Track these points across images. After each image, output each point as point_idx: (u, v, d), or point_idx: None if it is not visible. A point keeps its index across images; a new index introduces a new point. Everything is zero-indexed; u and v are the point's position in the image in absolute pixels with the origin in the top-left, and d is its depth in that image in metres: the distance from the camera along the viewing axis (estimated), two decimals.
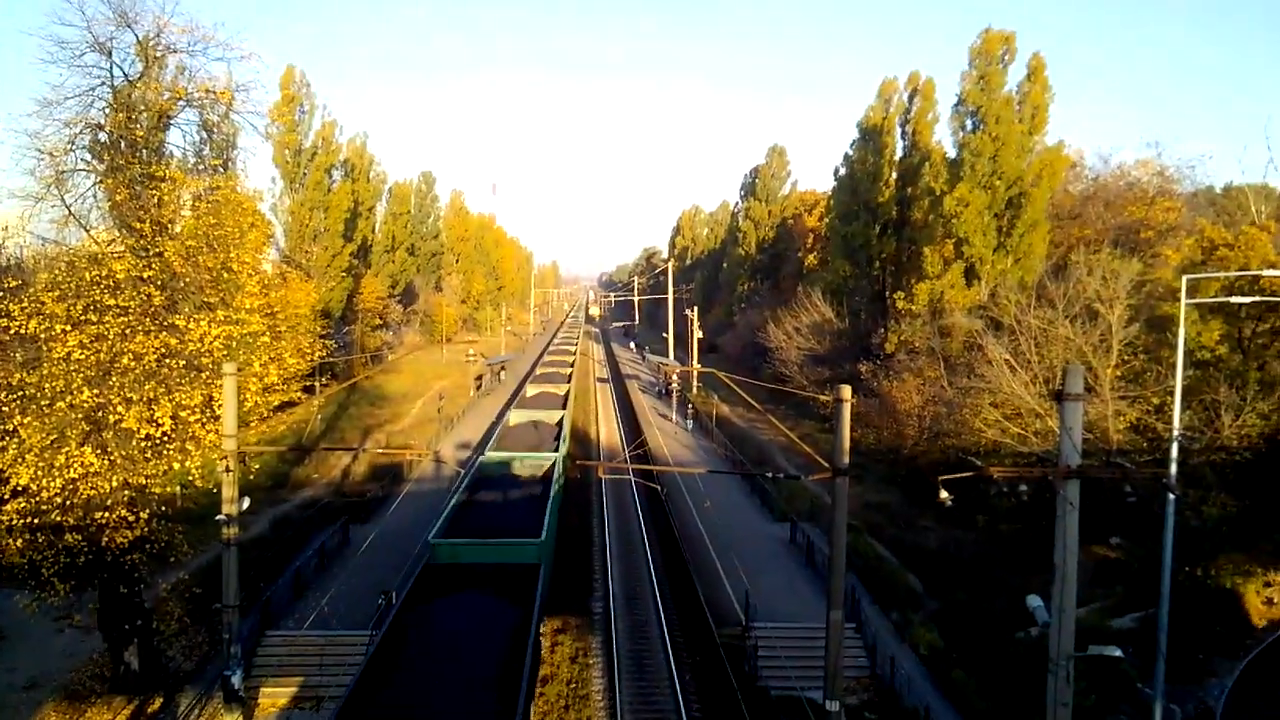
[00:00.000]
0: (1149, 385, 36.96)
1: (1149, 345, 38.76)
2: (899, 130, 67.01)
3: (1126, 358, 38.64)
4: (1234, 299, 30.29)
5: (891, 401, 52.69)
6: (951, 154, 57.18)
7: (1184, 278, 26.37)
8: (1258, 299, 32.21)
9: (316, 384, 59.77)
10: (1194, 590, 30.47)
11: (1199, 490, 34.59)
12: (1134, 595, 31.22)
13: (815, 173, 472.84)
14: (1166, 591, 22.44)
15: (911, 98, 65.81)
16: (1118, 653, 17.30)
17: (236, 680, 23.42)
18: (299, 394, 44.26)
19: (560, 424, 47.51)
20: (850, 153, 70.35)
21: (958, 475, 19.32)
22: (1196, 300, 32.42)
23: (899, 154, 67.10)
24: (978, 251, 54.16)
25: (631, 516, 43.98)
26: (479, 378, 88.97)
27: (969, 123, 54.82)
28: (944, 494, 19.25)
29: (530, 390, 62.21)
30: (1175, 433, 24.34)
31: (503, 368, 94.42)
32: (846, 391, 19.74)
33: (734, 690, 24.11)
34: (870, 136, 68.04)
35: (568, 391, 60.76)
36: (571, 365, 77.90)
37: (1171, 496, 23.13)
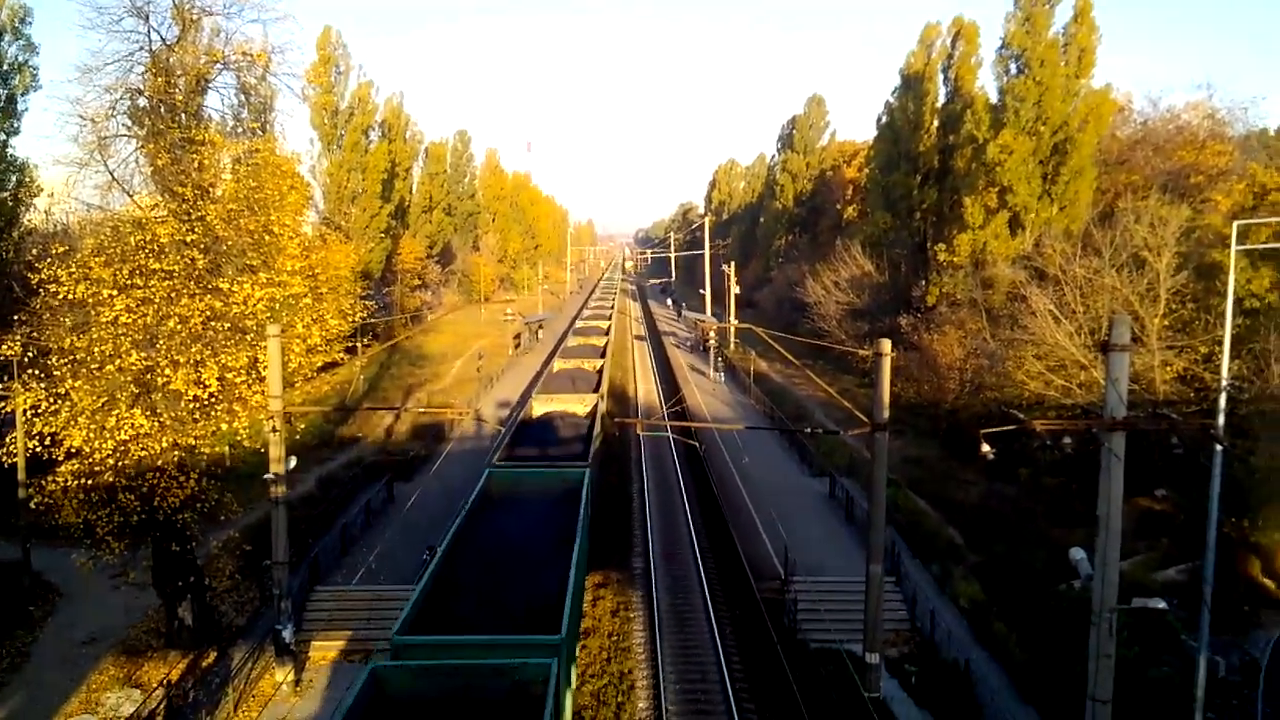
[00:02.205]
0: (1197, 334, 36.28)
1: (1197, 294, 37.97)
2: (941, 77, 65.76)
3: (1174, 307, 37.94)
4: None
5: (932, 355, 52.20)
6: (995, 100, 56.12)
7: (1234, 223, 25.66)
8: None
9: (358, 345, 60.33)
10: (1241, 542, 30.12)
11: (1247, 441, 33.97)
12: (1179, 548, 30.92)
13: (855, 123, 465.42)
14: (1212, 543, 22.20)
15: (954, 42, 64.38)
16: (1162, 605, 17.17)
17: (287, 634, 24.02)
18: (341, 355, 44.17)
19: (600, 373, 48.98)
20: (891, 101, 69.30)
21: (1000, 429, 19.12)
22: (1247, 246, 31.50)
23: (941, 101, 65.92)
24: (1022, 200, 53.26)
25: (670, 473, 44.22)
26: (517, 336, 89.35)
27: (1013, 67, 53.69)
28: (985, 447, 18.81)
29: (572, 341, 63.27)
30: (1223, 383, 23.87)
31: (540, 326, 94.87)
32: (886, 345, 19.69)
33: (774, 643, 24.31)
34: (912, 83, 66.85)
35: (606, 343, 61.74)
36: (609, 324, 77.91)
37: (1219, 448, 22.74)
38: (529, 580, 20.01)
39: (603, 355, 55.55)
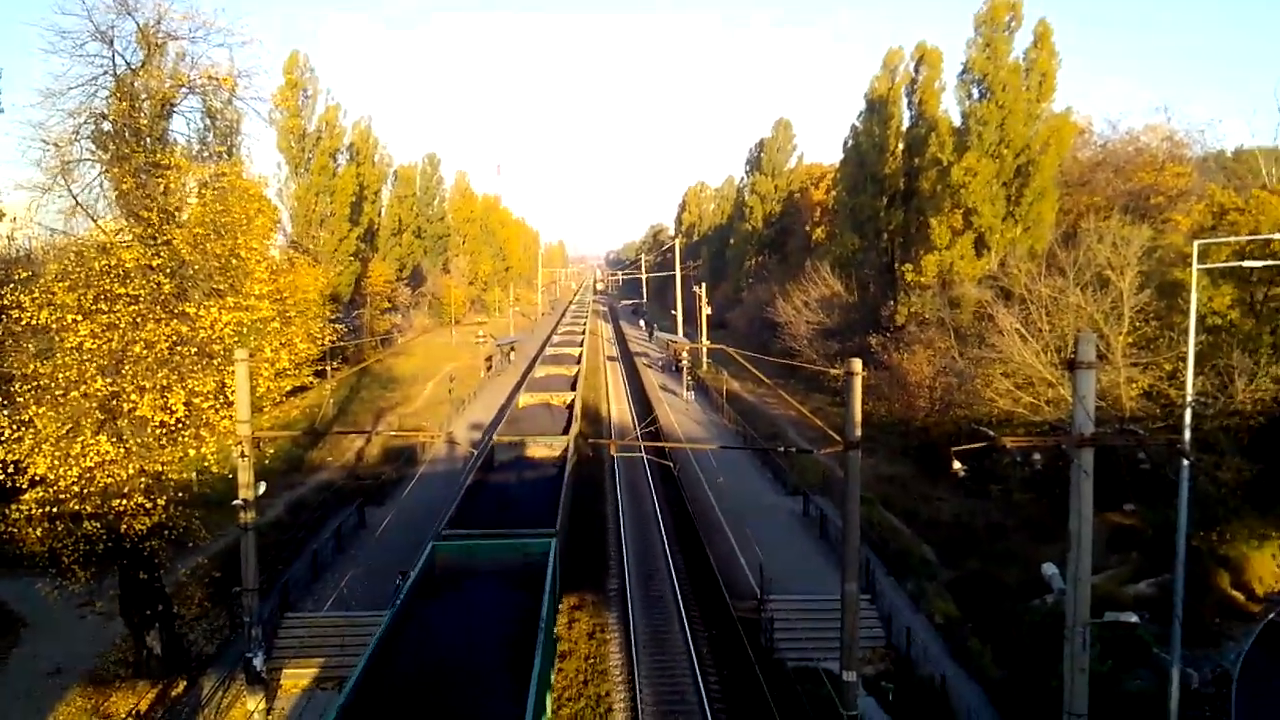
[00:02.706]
0: (1161, 352, 36.73)
1: (1160, 312, 38.50)
2: (905, 101, 66.54)
3: (1138, 325, 38.39)
4: (1245, 263, 29.94)
5: (902, 373, 52.55)
6: (958, 124, 56.81)
7: (1195, 243, 26.10)
8: (1269, 263, 31.86)
9: (328, 368, 59.55)
10: (1209, 555, 30.41)
11: (1213, 456, 34.42)
12: (1149, 562, 31.15)
13: (822, 146, 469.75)
14: (1182, 557, 22.40)
15: (918, 67, 65.17)
16: (1134, 619, 17.34)
17: (258, 662, 23.62)
18: (310, 378, 43.85)
19: (570, 406, 46.98)
20: (857, 124, 70.00)
21: (970, 446, 19.27)
22: (1208, 265, 32.06)
23: (906, 124, 66.65)
24: (986, 221, 53.85)
25: (645, 493, 44.08)
26: (489, 358, 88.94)
27: (975, 91, 54.35)
28: (957, 465, 19.39)
29: (540, 371, 61.48)
30: (1188, 398, 24.19)
31: (512, 348, 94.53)
32: (857, 364, 19.70)
33: (751, 663, 24.17)
34: (876, 107, 67.51)
35: (577, 373, 60.09)
36: (580, 350, 77.35)
37: (1186, 462, 23.06)
38: (472, 703, 16.72)
39: (573, 387, 53.84)
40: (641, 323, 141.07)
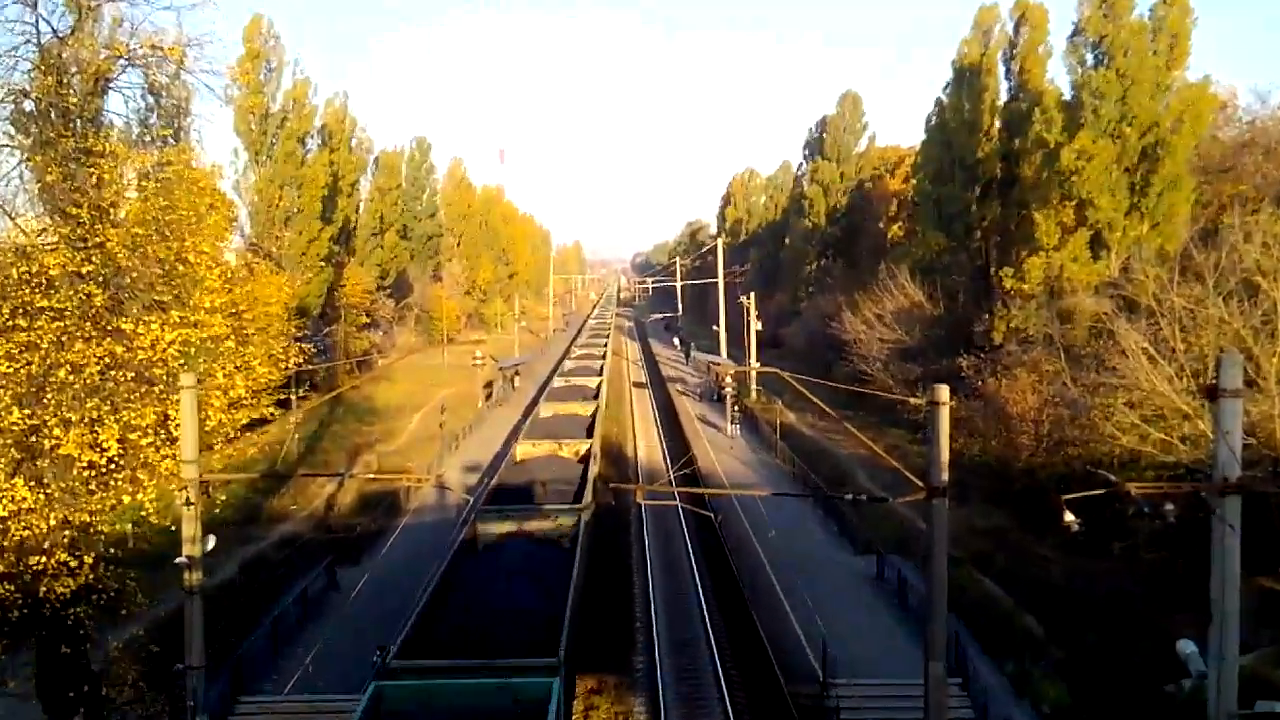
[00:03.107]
0: None
1: None
2: (1002, 69, 66.61)
3: None
4: None
5: (1000, 404, 52.24)
6: (1068, 96, 56.66)
7: None
8: None
9: (292, 396, 60.14)
10: None
11: None
12: None
13: (898, 126, 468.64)
14: None
15: (1017, 28, 65.17)
16: None
17: None
18: (272, 409, 44.29)
19: (585, 459, 43.94)
20: (942, 98, 70.02)
21: (1086, 493, 19.18)
22: None
23: (1003, 98, 66.61)
24: (1105, 215, 53.62)
25: (679, 550, 44.12)
26: (489, 385, 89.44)
27: (1090, 57, 54.33)
28: (1069, 516, 19.01)
29: (546, 410, 58.22)
30: None
31: (517, 373, 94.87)
32: (943, 392, 19.65)
33: None
34: (966, 77, 67.47)
35: (596, 411, 57.20)
36: (599, 381, 75.58)
37: None
38: None
39: (590, 432, 50.80)
40: (676, 341, 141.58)
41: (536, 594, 26.71)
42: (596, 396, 63.30)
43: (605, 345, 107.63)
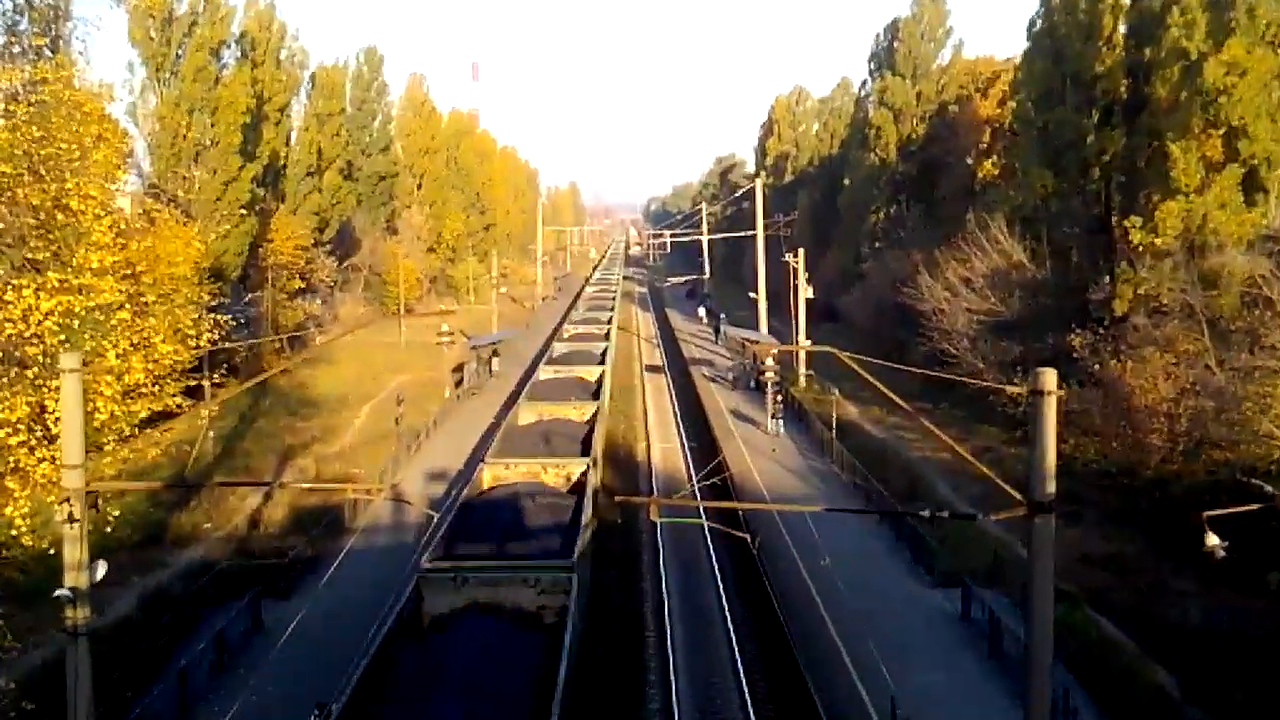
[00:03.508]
0: None
1: None
2: None
3: None
4: None
5: (1124, 393, 51.74)
6: None
7: None
8: None
9: (205, 383, 60.01)
10: None
11: None
12: None
13: (992, 33, 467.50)
14: None
15: None
16: None
17: None
18: (179, 400, 44.60)
19: (580, 487, 41.08)
20: None
21: (1235, 509, 19.76)
22: None
23: None
24: (1261, 148, 52.87)
25: (706, 584, 44.06)
26: (459, 369, 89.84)
27: None
28: (1212, 539, 19.82)
29: (527, 414, 55.81)
30: None
31: (495, 353, 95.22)
32: (1050, 379, 19.01)
33: None
34: None
35: (595, 414, 54.88)
36: (603, 360, 75.10)
37: None
38: None
39: (585, 448, 47.70)
40: (701, 312, 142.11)
41: (501, 710, 23.98)
42: (597, 394, 61.82)
43: (610, 320, 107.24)
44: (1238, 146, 53.18)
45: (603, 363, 74.55)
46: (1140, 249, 57.06)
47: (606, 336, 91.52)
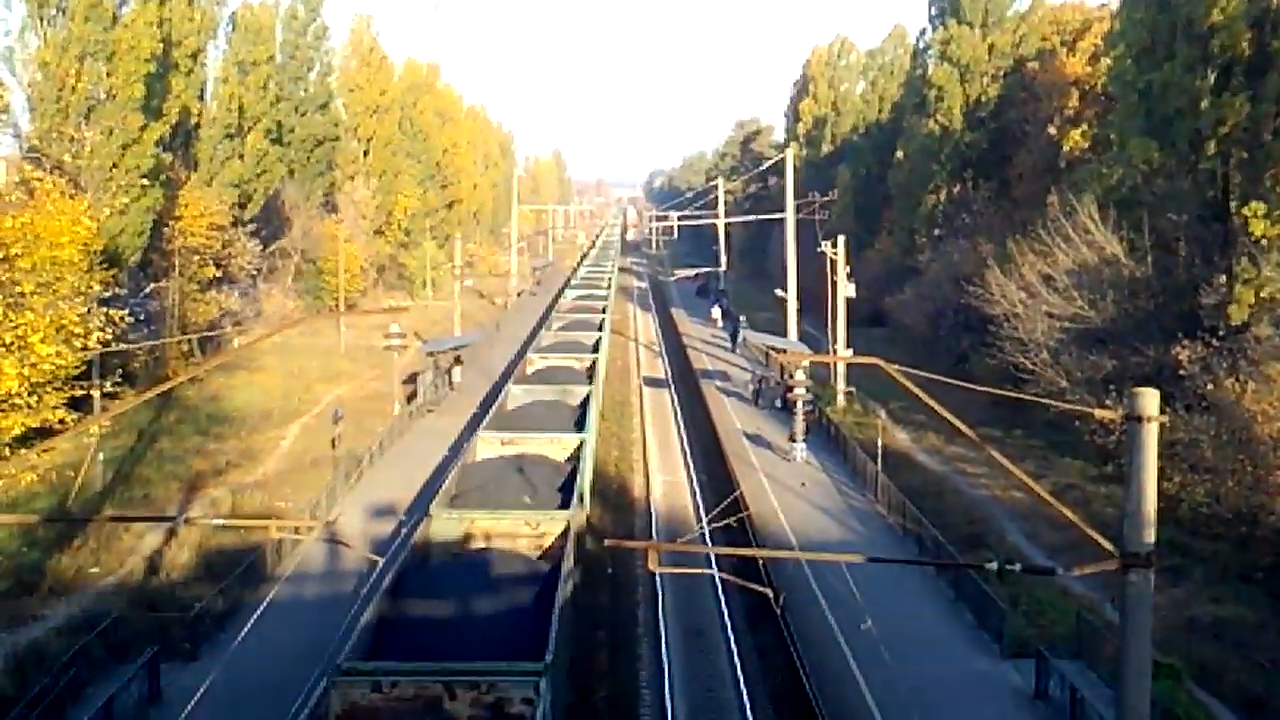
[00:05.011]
0: None
1: None
2: None
3: None
4: None
5: (1243, 420, 51.96)
6: None
7: None
8: None
9: (95, 392, 60.34)
10: None
11: None
12: None
13: None
14: None
15: None
16: None
17: None
18: (61, 413, 44.34)
19: (558, 551, 38.29)
20: None
21: None
22: None
23: None
24: None
25: (718, 651, 44.00)
26: (412, 379, 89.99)
27: None
28: None
29: (484, 448, 54.16)
30: None
31: (458, 359, 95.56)
32: (1150, 401, 19.37)
33: None
34: None
35: (580, 447, 53.73)
36: (590, 376, 74.39)
37: None
38: None
39: (565, 500, 45.01)
40: (715, 313, 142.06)
41: None
42: (582, 423, 60.34)
43: (602, 322, 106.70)
44: None
45: (590, 380, 73.16)
46: (1265, 242, 57.29)
47: (596, 348, 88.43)
